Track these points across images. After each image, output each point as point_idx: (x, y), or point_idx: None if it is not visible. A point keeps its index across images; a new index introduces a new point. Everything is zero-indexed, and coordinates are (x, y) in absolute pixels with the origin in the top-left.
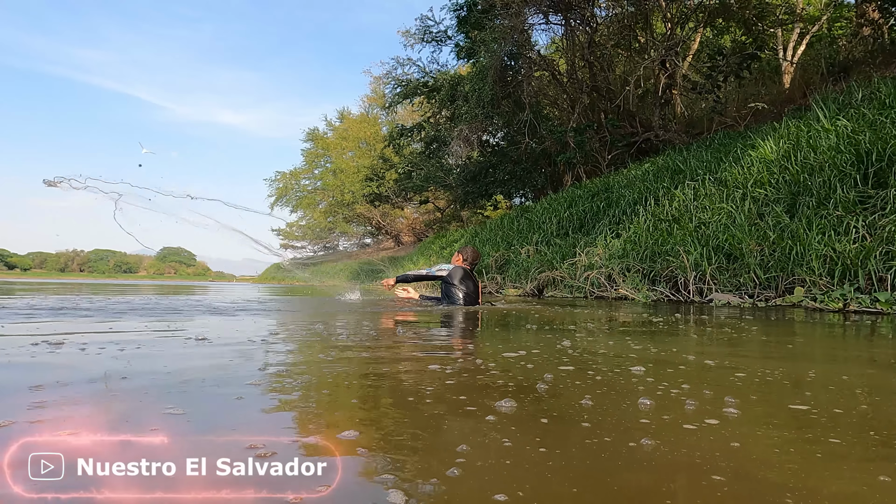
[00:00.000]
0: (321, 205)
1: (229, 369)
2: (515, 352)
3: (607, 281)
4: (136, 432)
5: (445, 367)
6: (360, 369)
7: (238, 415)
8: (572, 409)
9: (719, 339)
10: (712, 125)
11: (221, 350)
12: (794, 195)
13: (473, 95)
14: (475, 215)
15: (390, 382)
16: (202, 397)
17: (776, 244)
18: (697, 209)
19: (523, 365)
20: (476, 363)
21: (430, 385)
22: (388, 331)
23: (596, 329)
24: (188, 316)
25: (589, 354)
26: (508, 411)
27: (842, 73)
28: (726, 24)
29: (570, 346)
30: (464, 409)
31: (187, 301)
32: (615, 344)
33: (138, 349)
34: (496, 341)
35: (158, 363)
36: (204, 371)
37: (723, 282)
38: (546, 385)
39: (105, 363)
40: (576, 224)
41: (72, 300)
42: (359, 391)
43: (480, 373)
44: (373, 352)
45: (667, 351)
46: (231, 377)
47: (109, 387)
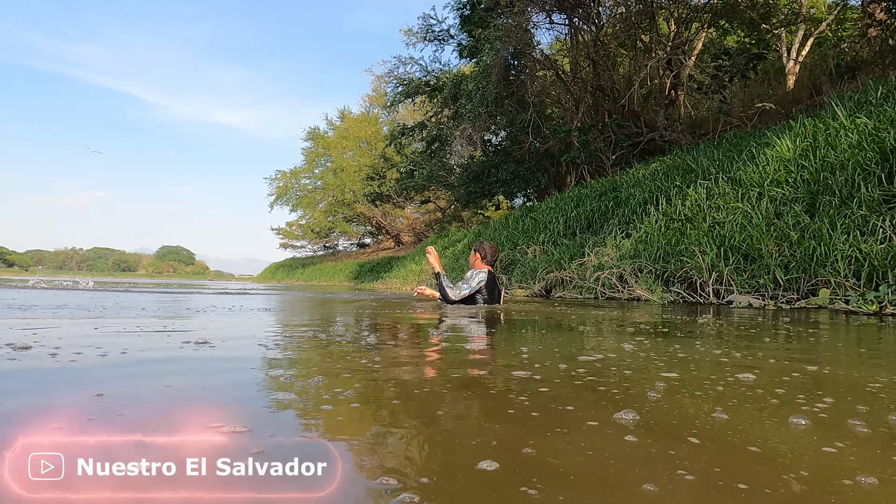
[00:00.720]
0: (321, 204)
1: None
2: (590, 355)
3: (619, 281)
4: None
5: (532, 373)
6: (440, 379)
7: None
8: (709, 423)
9: (796, 344)
10: (718, 126)
11: (230, 363)
12: (814, 194)
13: (477, 94)
14: (476, 216)
15: (484, 397)
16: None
17: (798, 244)
18: (711, 209)
19: (611, 370)
20: (559, 367)
21: (528, 394)
22: (428, 334)
23: (646, 331)
24: (189, 313)
25: (671, 358)
26: (632, 424)
27: (849, 73)
28: (730, 24)
29: (638, 348)
30: (586, 425)
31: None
32: (684, 347)
33: (123, 354)
34: (556, 344)
35: (143, 385)
36: (215, 394)
37: (740, 283)
38: (658, 394)
39: (64, 380)
40: (583, 224)
41: (71, 297)
42: (453, 406)
43: (571, 378)
44: (436, 358)
45: (753, 356)
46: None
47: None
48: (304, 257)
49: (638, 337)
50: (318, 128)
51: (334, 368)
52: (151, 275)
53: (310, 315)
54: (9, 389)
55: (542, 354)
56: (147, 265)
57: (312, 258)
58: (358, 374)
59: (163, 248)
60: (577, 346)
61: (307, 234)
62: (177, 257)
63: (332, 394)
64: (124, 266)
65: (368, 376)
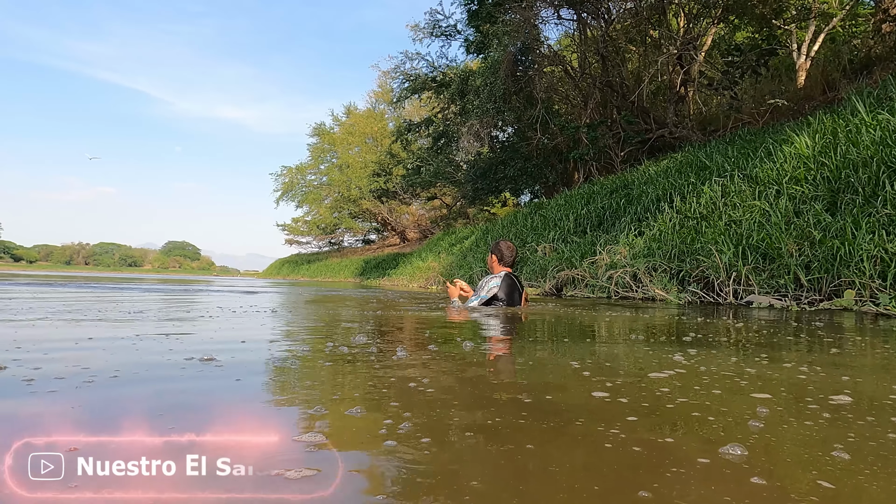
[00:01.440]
0: (327, 200)
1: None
2: (659, 371)
3: (633, 281)
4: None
5: (609, 395)
6: (511, 405)
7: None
8: (830, 464)
9: (868, 358)
10: (728, 122)
11: (244, 391)
12: (835, 192)
13: (484, 90)
14: (482, 212)
15: (571, 428)
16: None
17: (821, 244)
18: (727, 207)
19: (694, 389)
20: (640, 386)
21: (619, 424)
22: (458, 344)
23: (693, 341)
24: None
25: (740, 375)
26: (744, 461)
27: (863, 70)
28: (740, 20)
29: (699, 362)
30: (698, 462)
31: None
32: (748, 361)
33: (114, 378)
34: (609, 357)
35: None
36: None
37: (759, 283)
38: (760, 423)
39: (25, 428)
40: (594, 221)
41: (72, 303)
42: (541, 441)
43: (657, 400)
44: (489, 376)
45: (831, 373)
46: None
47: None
48: (310, 253)
49: (690, 348)
50: (323, 124)
51: (375, 393)
52: (157, 270)
53: (322, 319)
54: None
55: (605, 370)
56: (153, 260)
57: (318, 254)
58: (406, 399)
59: (169, 244)
60: (633, 358)
61: (312, 230)
62: (182, 253)
63: (387, 428)
64: (130, 261)
65: (422, 404)
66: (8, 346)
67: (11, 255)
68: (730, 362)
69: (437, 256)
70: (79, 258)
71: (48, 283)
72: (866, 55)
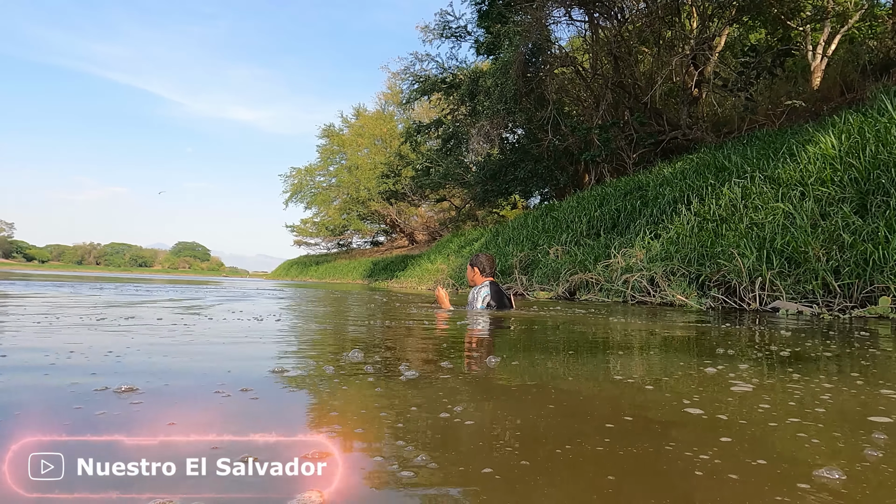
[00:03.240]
0: (335, 201)
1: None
2: (736, 384)
3: (650, 285)
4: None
5: (696, 409)
6: (590, 425)
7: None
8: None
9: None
10: (743, 124)
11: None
12: (864, 194)
13: (495, 90)
14: (491, 215)
15: (662, 454)
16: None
17: (851, 248)
18: (748, 209)
19: (775, 409)
20: (723, 401)
21: (709, 446)
22: (490, 354)
23: (759, 356)
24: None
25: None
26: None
27: (882, 70)
28: (754, 21)
29: (775, 377)
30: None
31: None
32: (829, 378)
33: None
34: (664, 368)
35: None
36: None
37: (784, 288)
38: (878, 451)
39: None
40: (608, 224)
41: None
42: (630, 467)
43: (749, 418)
44: (548, 390)
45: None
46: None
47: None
48: (318, 254)
49: (741, 363)
50: (332, 125)
51: (414, 425)
52: (167, 270)
53: (336, 327)
54: None
55: (669, 385)
56: (163, 261)
57: (326, 255)
58: (448, 441)
59: (179, 244)
60: (695, 378)
61: (321, 232)
62: (192, 253)
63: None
64: (141, 262)
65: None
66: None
67: (24, 255)
68: (797, 382)
69: (447, 258)
70: (90, 258)
71: (33, 283)
72: (885, 55)
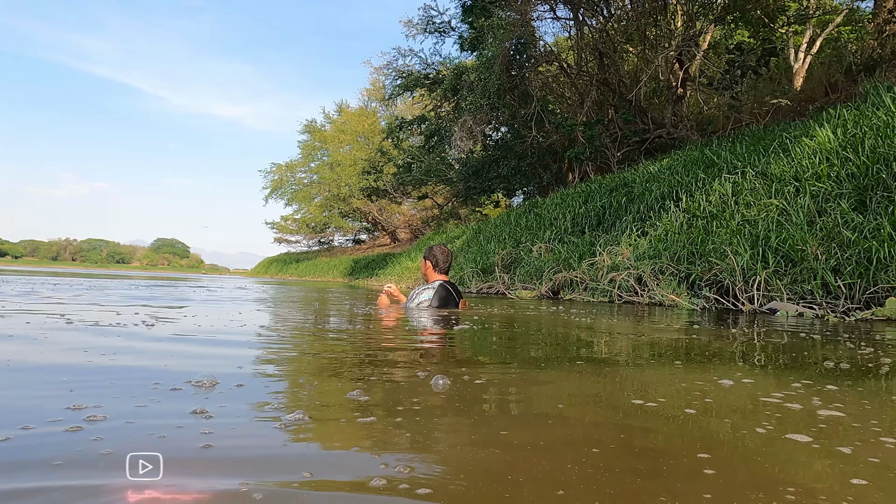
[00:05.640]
0: (317, 198)
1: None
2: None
3: (638, 284)
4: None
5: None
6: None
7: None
8: None
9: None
10: (728, 123)
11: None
12: (862, 189)
13: (479, 85)
14: (473, 213)
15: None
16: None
17: (853, 245)
18: (740, 205)
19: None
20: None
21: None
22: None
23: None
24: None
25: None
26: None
27: (866, 71)
28: (736, 23)
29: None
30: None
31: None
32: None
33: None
34: (707, 388)
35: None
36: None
37: (779, 288)
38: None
39: None
40: (593, 221)
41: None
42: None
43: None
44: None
45: None
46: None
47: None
48: (299, 252)
49: (828, 379)
50: (314, 121)
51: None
52: (146, 267)
53: (319, 336)
54: None
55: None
56: (142, 258)
57: (307, 253)
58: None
59: (158, 241)
60: (752, 388)
61: (302, 229)
62: (172, 250)
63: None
64: (118, 258)
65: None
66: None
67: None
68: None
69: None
70: (66, 254)
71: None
72: (869, 56)
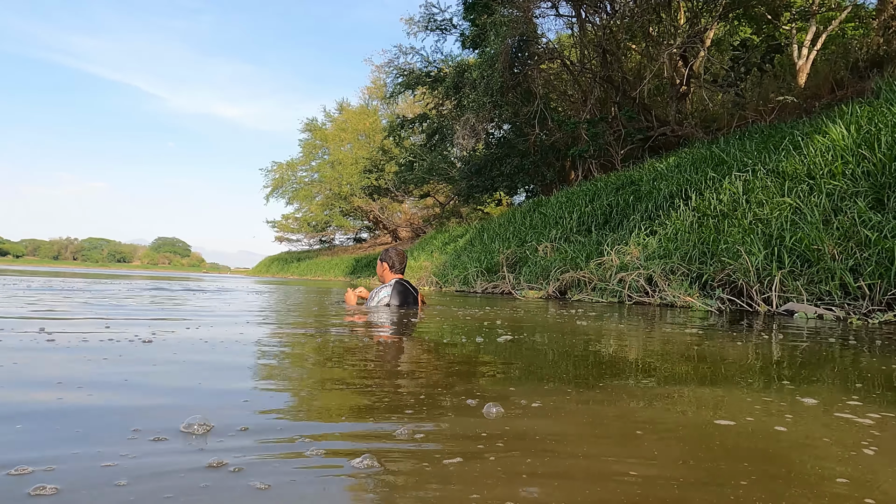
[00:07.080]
0: (318, 197)
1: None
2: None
3: (648, 284)
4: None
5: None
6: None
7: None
8: None
9: None
10: (733, 120)
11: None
12: (879, 188)
13: (481, 83)
14: (475, 212)
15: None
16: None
17: (873, 245)
18: (752, 204)
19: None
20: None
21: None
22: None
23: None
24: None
25: None
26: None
27: (872, 68)
28: (739, 20)
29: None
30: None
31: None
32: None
33: None
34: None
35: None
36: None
37: (796, 289)
38: None
39: None
40: (599, 220)
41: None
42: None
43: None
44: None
45: None
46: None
47: None
48: (300, 251)
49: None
50: (315, 119)
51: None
52: (146, 266)
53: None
54: None
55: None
56: (142, 257)
57: (308, 252)
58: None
59: (158, 240)
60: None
61: (303, 228)
62: (172, 249)
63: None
64: (119, 257)
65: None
66: None
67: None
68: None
69: (430, 255)
70: (66, 253)
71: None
72: (875, 53)
